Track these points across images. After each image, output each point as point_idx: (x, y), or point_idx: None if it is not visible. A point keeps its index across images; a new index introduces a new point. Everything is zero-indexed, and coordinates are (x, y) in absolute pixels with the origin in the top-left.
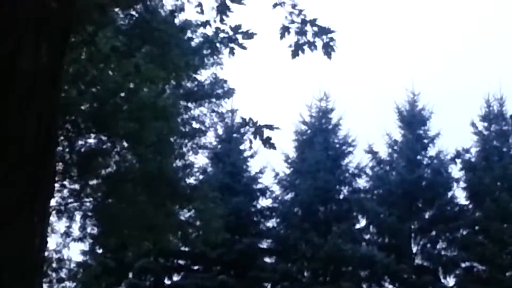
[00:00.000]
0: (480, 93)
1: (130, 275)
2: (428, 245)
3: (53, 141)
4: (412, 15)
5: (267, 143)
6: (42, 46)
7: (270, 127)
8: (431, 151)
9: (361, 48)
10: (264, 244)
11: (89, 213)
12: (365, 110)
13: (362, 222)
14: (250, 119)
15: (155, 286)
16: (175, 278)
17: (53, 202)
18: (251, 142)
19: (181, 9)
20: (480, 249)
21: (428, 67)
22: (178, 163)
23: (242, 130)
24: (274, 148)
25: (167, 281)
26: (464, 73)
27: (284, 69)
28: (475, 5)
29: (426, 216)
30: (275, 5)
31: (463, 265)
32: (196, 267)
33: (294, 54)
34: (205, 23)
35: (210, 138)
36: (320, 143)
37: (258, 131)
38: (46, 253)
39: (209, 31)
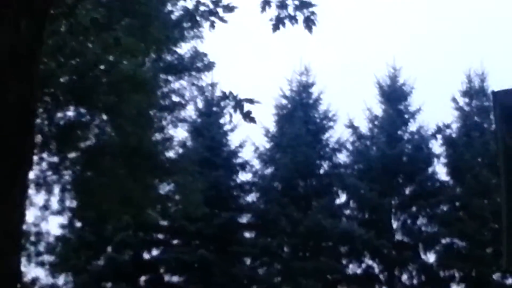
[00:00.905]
0: (461, 68)
1: (109, 249)
2: (408, 221)
3: (32, 114)
4: None
5: (247, 117)
6: (22, 20)
7: (251, 101)
8: (412, 127)
9: (342, 22)
10: (243, 219)
11: (68, 186)
12: (346, 85)
13: (342, 197)
14: (230, 92)
15: (134, 260)
16: (154, 252)
17: (31, 175)
18: (231, 116)
19: None
20: (460, 225)
21: (409, 42)
22: (158, 136)
23: (222, 103)
24: (254, 122)
25: (146, 255)
26: (445, 48)
27: (264, 42)
28: None
29: (407, 191)
30: None
31: (443, 241)
32: (175, 241)
33: (275, 27)
34: None
35: (190, 112)
36: (301, 117)
37: (238, 105)
38: (24, 226)
39: (190, 4)
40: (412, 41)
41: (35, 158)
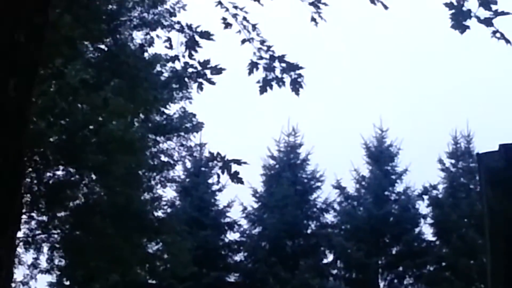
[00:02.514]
0: (447, 130)
1: None
2: (395, 281)
3: (19, 174)
4: (380, 52)
5: (235, 177)
6: (10, 80)
7: (238, 162)
8: (399, 187)
9: (329, 84)
10: (231, 278)
11: (57, 245)
12: (333, 146)
13: (330, 257)
14: (218, 153)
15: None
16: None
17: (20, 234)
18: (218, 176)
19: (150, 43)
20: (447, 285)
21: (396, 104)
22: (146, 196)
23: (210, 164)
24: (242, 183)
25: None
26: (432, 110)
27: (252, 104)
28: (442, 43)
29: (393, 251)
30: (243, 41)
31: None
32: None
33: (262, 90)
34: (174, 58)
35: (178, 172)
36: (288, 178)
37: (225, 165)
38: (13, 285)
39: (178, 65)
40: (398, 102)
41: (24, 217)
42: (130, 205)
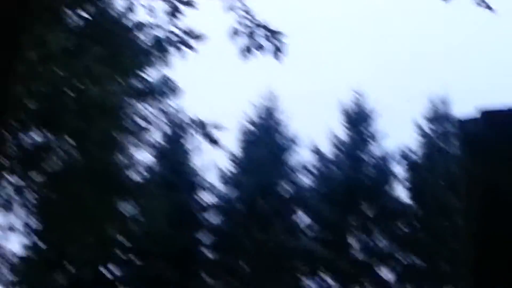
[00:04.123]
0: (425, 94)
1: (72, 268)
2: (369, 241)
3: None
4: (358, 15)
5: (213, 141)
6: None
7: (217, 126)
8: (376, 150)
9: (308, 48)
10: (207, 241)
11: (33, 209)
12: (311, 110)
13: (305, 219)
14: (197, 118)
15: (97, 279)
16: (117, 272)
17: None
18: (197, 141)
19: (132, 10)
20: (422, 246)
21: (374, 68)
22: (123, 159)
23: (188, 128)
24: (220, 146)
25: (109, 275)
26: (409, 74)
27: (231, 68)
28: (424, 7)
29: (368, 213)
30: (227, 9)
31: (403, 261)
32: (138, 261)
33: (244, 56)
34: (156, 25)
35: (155, 136)
36: (265, 141)
37: (204, 130)
38: None
39: (160, 32)
40: (376, 67)
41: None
42: (107, 169)
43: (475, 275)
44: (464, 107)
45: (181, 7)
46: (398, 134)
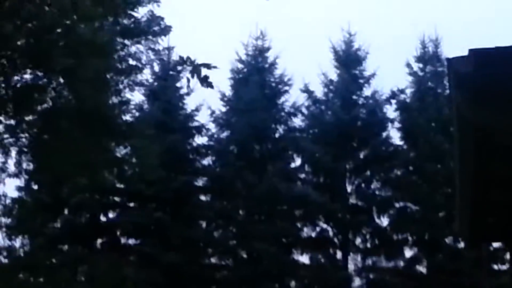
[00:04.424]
0: (415, 34)
1: (66, 211)
2: (363, 185)
3: None
4: None
5: (205, 81)
6: None
7: (208, 66)
8: (367, 91)
9: None
10: (199, 182)
11: (25, 149)
12: (301, 50)
13: (297, 161)
14: (188, 57)
15: (90, 222)
16: (111, 215)
17: None
18: (188, 80)
19: None
20: (414, 189)
21: (364, 7)
22: (114, 100)
23: (178, 67)
24: (212, 87)
25: (102, 218)
26: (399, 13)
27: (221, 6)
28: None
29: (361, 156)
30: None
31: (396, 205)
32: (131, 204)
33: None
34: None
35: (146, 75)
36: (256, 81)
37: (196, 69)
38: None
39: None
40: (366, 6)
41: None
42: (98, 109)
43: (471, 215)
44: (455, 48)
45: None
46: (389, 75)
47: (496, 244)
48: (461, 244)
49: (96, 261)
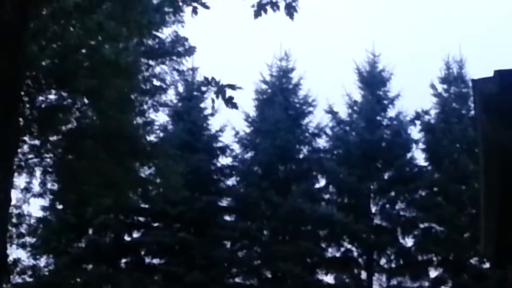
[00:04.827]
0: (440, 55)
1: (90, 231)
2: (387, 206)
3: (17, 98)
4: None
5: (229, 102)
6: (6, 3)
7: (232, 87)
8: (391, 112)
9: (322, 8)
10: (224, 202)
11: (49, 169)
12: (326, 71)
13: (322, 182)
14: (213, 78)
15: (114, 242)
16: (135, 235)
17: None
18: (213, 101)
19: None
20: (438, 210)
21: (389, 28)
22: (139, 120)
23: (203, 88)
24: (236, 107)
25: (127, 238)
26: (424, 35)
27: (245, 28)
28: None
29: (385, 176)
30: None
31: (421, 225)
32: (156, 224)
33: (257, 14)
34: None
35: (170, 96)
36: (280, 102)
37: (220, 90)
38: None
39: None
40: (391, 27)
41: None
42: (122, 129)
43: (496, 236)
44: (480, 69)
45: None
46: (413, 96)
47: None
48: (486, 265)
49: (120, 281)
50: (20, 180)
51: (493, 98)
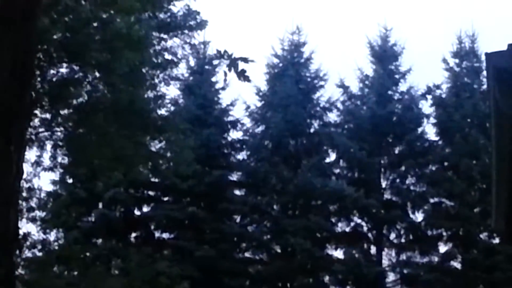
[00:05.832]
0: (452, 29)
1: (100, 205)
2: (397, 180)
3: (28, 72)
4: None
5: (242, 75)
6: None
7: (245, 60)
8: (402, 87)
9: None
10: (234, 177)
11: (60, 143)
12: (337, 45)
13: (332, 156)
14: (225, 51)
15: (124, 216)
16: (145, 209)
17: None
18: (225, 74)
19: None
20: (449, 185)
21: (401, 2)
22: (150, 94)
23: (214, 62)
24: (249, 80)
25: (137, 212)
26: (436, 9)
27: (257, 2)
28: None
29: (396, 151)
30: None
31: (431, 200)
32: (166, 198)
33: None
34: None
35: (182, 70)
36: (292, 76)
37: (233, 63)
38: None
39: None
40: (403, 2)
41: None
42: (133, 103)
43: (507, 211)
44: (492, 44)
45: None
46: (425, 70)
47: None
48: (496, 240)
49: (130, 255)
50: (30, 154)
51: (506, 71)
